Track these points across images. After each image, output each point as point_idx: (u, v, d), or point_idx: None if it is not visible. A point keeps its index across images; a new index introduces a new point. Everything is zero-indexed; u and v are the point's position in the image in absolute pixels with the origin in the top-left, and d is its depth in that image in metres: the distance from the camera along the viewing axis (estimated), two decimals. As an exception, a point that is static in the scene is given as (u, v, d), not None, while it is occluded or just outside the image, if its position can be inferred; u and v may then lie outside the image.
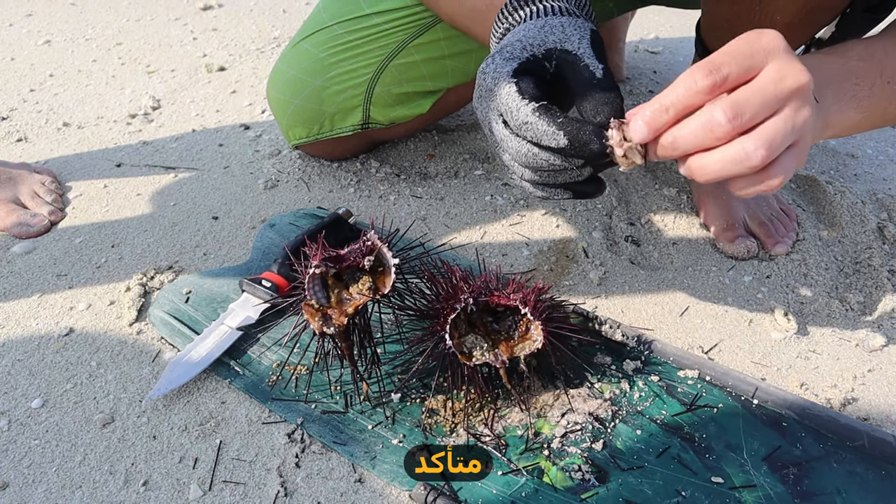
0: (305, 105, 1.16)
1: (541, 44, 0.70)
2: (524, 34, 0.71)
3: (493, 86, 0.68)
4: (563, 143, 0.64)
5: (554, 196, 0.72)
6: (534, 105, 0.65)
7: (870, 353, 0.93)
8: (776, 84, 0.57)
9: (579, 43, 0.69)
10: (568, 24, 0.70)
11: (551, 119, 0.64)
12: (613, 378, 0.85)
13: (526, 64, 0.69)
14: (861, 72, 0.70)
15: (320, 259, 0.78)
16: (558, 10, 0.73)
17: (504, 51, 0.70)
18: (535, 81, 0.68)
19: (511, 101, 0.66)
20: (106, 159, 1.32)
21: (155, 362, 0.90)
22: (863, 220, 1.14)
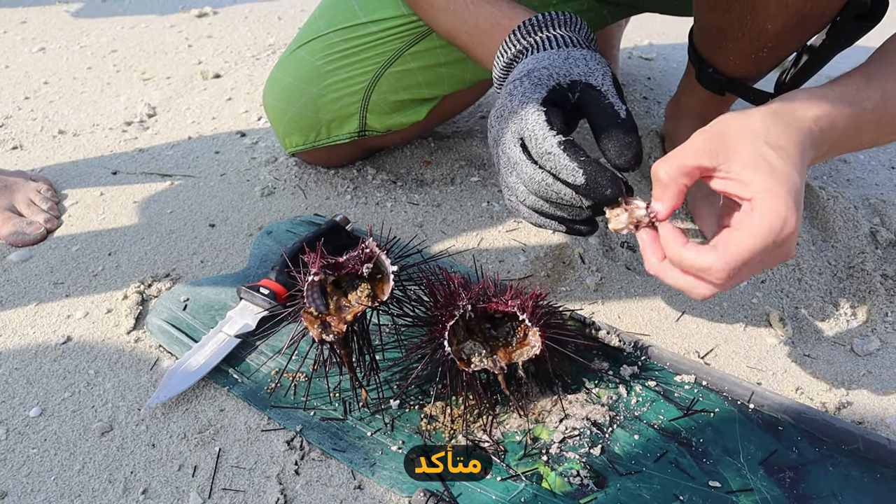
0: (302, 113, 1.17)
1: (566, 74, 0.72)
2: (549, 62, 0.73)
3: (520, 109, 0.71)
4: (580, 181, 0.67)
5: (546, 226, 0.75)
6: (560, 138, 0.68)
7: (864, 356, 0.94)
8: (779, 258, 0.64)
9: (603, 79, 0.72)
10: (591, 59, 0.74)
11: (575, 156, 0.67)
12: (611, 383, 0.85)
13: (552, 94, 0.71)
14: (867, 125, 0.72)
15: (319, 266, 0.78)
16: (573, 42, 0.76)
17: (532, 76, 0.72)
18: (562, 114, 0.71)
19: (538, 130, 0.69)
20: (102, 167, 1.32)
21: (153, 370, 0.90)
22: (855, 225, 1.15)
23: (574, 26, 0.80)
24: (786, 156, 0.64)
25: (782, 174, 0.62)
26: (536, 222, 0.75)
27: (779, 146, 0.64)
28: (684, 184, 0.66)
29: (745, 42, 0.93)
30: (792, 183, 0.62)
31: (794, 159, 0.64)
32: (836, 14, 0.88)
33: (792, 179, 0.62)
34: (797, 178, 0.63)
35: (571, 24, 0.80)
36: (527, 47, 0.79)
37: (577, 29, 0.80)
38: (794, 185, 0.62)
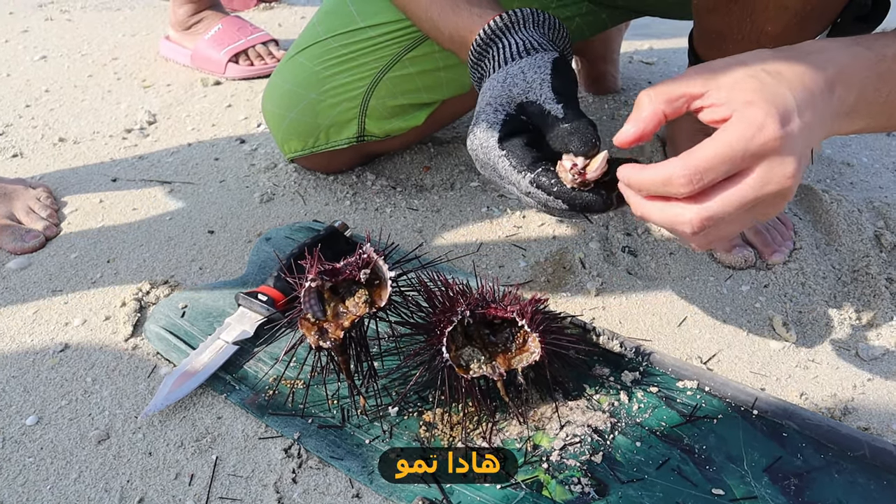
0: (300, 118, 1.16)
1: (508, 100, 0.73)
2: (491, 94, 0.74)
3: (488, 159, 0.73)
4: (563, 207, 0.70)
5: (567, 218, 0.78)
6: (530, 177, 0.70)
7: (869, 361, 0.93)
8: (757, 190, 0.57)
9: (540, 88, 0.72)
10: (528, 69, 0.73)
11: (548, 190, 0.69)
12: (612, 390, 0.84)
13: (506, 127, 0.73)
14: (888, 76, 0.65)
15: (316, 272, 0.77)
16: (520, 51, 0.75)
17: (480, 120, 0.74)
18: (524, 143, 0.72)
19: (510, 175, 0.71)
20: (102, 174, 1.32)
21: (151, 378, 0.89)
22: (859, 228, 1.14)
23: (528, 23, 0.78)
24: (783, 80, 0.58)
25: (770, 91, 0.57)
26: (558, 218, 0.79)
27: (776, 72, 0.59)
28: (663, 111, 0.62)
29: (745, 45, 0.92)
30: (780, 99, 0.57)
31: (794, 85, 0.58)
32: (837, 16, 0.87)
33: (782, 97, 0.57)
34: (790, 99, 0.57)
35: (525, 22, 0.78)
36: (483, 73, 0.80)
37: (534, 25, 0.78)
38: (782, 101, 0.57)
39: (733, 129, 0.56)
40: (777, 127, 0.55)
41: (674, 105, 0.61)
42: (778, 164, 0.56)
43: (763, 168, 0.56)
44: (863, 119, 0.66)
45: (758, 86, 0.58)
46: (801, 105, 0.58)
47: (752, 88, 0.58)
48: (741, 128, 0.56)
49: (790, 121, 0.56)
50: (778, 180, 0.57)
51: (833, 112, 0.61)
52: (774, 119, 0.56)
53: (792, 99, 0.57)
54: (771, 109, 0.56)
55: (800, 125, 0.57)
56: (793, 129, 0.56)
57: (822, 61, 0.61)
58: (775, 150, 0.56)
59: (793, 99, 0.57)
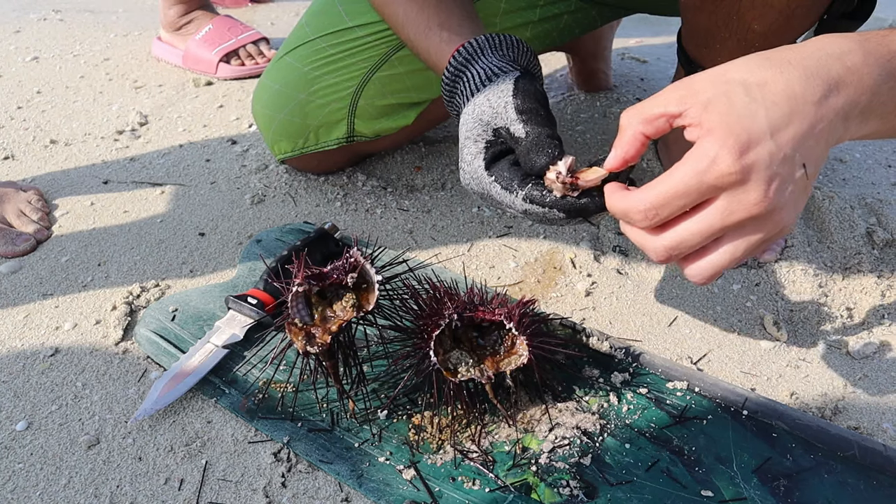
0: (290, 119, 1.16)
1: (484, 129, 0.76)
2: (466, 128, 0.77)
3: (481, 188, 0.76)
4: (561, 216, 0.71)
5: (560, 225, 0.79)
6: (522, 194, 0.72)
7: (860, 360, 0.93)
8: (723, 219, 0.56)
9: (505, 112, 0.73)
10: (492, 95, 0.75)
11: (542, 203, 0.71)
12: (601, 391, 0.84)
13: (488, 153, 0.75)
14: None
15: (303, 277, 0.77)
16: (483, 79, 0.77)
17: (464, 154, 0.77)
18: (509, 163, 0.74)
19: (503, 199, 0.74)
20: (93, 176, 1.31)
21: (141, 382, 0.89)
22: (851, 225, 1.14)
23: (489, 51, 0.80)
24: (764, 94, 0.55)
25: (737, 115, 0.55)
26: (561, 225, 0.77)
27: (760, 83, 0.56)
28: (643, 133, 0.61)
29: (733, 42, 0.92)
30: (745, 124, 0.54)
31: (778, 99, 0.55)
32: (824, 12, 0.87)
33: (747, 122, 0.54)
34: (760, 122, 0.55)
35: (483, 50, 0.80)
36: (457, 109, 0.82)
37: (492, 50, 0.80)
38: (746, 127, 0.54)
39: (688, 164, 0.56)
40: (732, 160, 0.54)
41: (654, 125, 0.60)
42: (740, 192, 0.55)
43: (724, 199, 0.55)
44: (877, 120, 0.62)
45: (726, 109, 0.55)
46: (780, 122, 0.55)
47: (720, 112, 0.56)
48: (694, 162, 0.55)
49: (751, 148, 0.54)
50: (743, 209, 0.55)
51: (842, 115, 0.58)
52: (730, 151, 0.54)
53: (764, 121, 0.55)
54: (728, 140, 0.54)
55: (772, 148, 0.55)
56: (755, 158, 0.54)
57: (824, 62, 0.57)
58: (732, 182, 0.54)
59: (765, 120, 0.55)
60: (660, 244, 0.59)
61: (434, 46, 0.87)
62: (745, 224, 0.56)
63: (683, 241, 0.58)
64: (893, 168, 1.34)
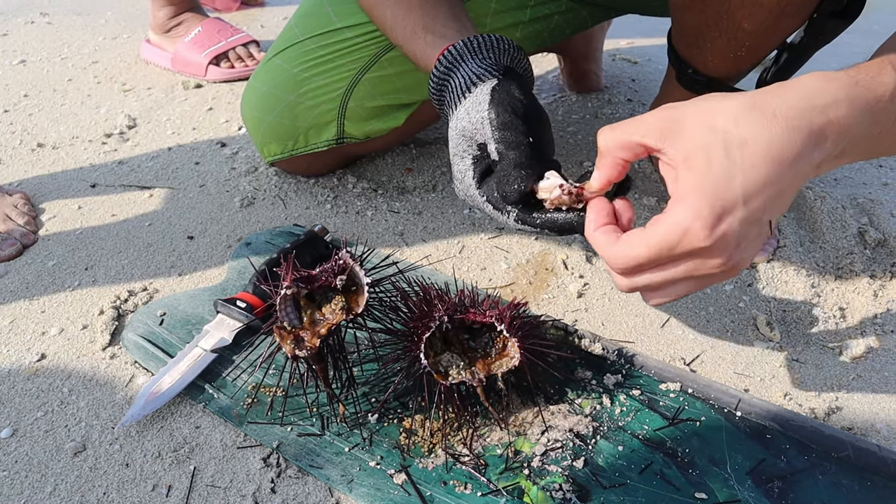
0: (279, 121, 1.15)
1: (468, 144, 0.77)
2: (453, 143, 0.79)
3: (476, 204, 0.78)
4: (552, 234, 0.73)
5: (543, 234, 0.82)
6: (514, 215, 0.74)
7: (853, 360, 0.92)
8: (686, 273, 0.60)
9: (482, 127, 0.74)
10: (471, 109, 0.76)
11: (531, 223, 0.73)
12: (594, 393, 0.84)
13: (476, 169, 0.77)
14: (882, 117, 0.61)
15: (291, 280, 0.76)
16: (463, 89, 0.78)
17: (455, 171, 0.80)
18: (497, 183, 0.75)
19: (497, 217, 0.76)
20: (81, 180, 1.30)
21: (128, 387, 0.88)
22: (843, 225, 1.14)
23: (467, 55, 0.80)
24: (743, 156, 0.55)
25: (715, 177, 0.55)
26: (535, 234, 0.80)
27: (741, 142, 0.56)
28: (622, 158, 0.62)
29: (723, 42, 0.91)
30: (723, 188, 0.55)
31: (756, 162, 0.55)
32: (813, 11, 0.87)
33: (726, 184, 0.55)
34: (735, 191, 0.55)
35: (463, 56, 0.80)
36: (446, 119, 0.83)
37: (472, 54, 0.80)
38: (722, 196, 0.55)
39: (662, 231, 0.58)
40: (704, 234, 0.56)
41: (632, 152, 0.62)
42: (706, 257, 0.58)
43: (691, 262, 0.59)
44: (849, 158, 0.64)
45: (704, 171, 0.56)
46: (755, 188, 0.56)
47: (698, 174, 0.56)
48: (668, 231, 0.58)
49: (723, 219, 0.56)
50: (706, 269, 0.59)
51: (819, 161, 0.58)
52: (703, 224, 0.56)
53: (739, 188, 0.55)
54: (703, 210, 0.56)
55: (743, 215, 0.56)
56: (726, 228, 0.56)
57: (808, 116, 0.57)
58: (700, 251, 0.58)
59: (741, 188, 0.56)
60: (627, 284, 0.64)
61: (420, 51, 0.87)
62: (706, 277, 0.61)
63: (649, 285, 0.63)
64: (884, 168, 1.34)
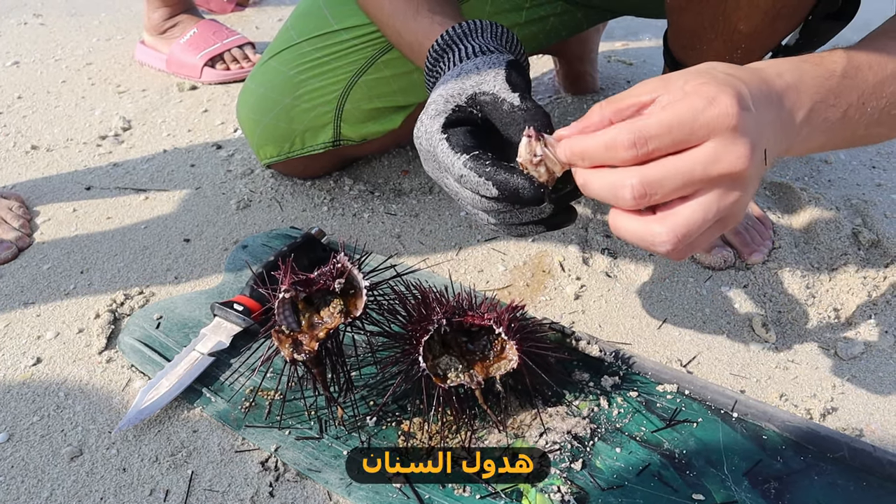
0: (275, 123, 1.15)
1: (460, 92, 0.71)
2: (444, 86, 0.73)
3: (430, 147, 0.70)
4: (494, 192, 0.65)
5: (527, 233, 0.72)
6: (465, 157, 0.67)
7: (848, 360, 0.93)
8: (706, 166, 0.53)
9: (494, 80, 0.70)
10: (482, 64, 0.72)
11: (481, 169, 0.65)
12: (592, 395, 0.84)
13: (453, 115, 0.71)
14: (841, 91, 0.64)
15: (289, 283, 0.76)
16: (475, 52, 0.75)
17: (429, 109, 0.72)
18: (468, 131, 0.70)
19: (446, 158, 0.68)
20: (75, 182, 1.30)
21: (125, 391, 0.88)
22: (837, 226, 1.14)
23: (485, 32, 0.78)
24: (736, 78, 0.56)
25: (723, 78, 0.55)
26: (516, 234, 0.73)
27: (730, 74, 0.57)
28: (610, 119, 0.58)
29: (719, 43, 0.92)
30: (735, 85, 0.54)
31: (749, 82, 0.56)
32: (808, 14, 0.87)
33: (736, 85, 0.54)
34: (745, 90, 0.55)
35: (481, 31, 0.78)
36: (437, 75, 0.79)
37: (491, 34, 0.78)
38: (736, 87, 0.54)
39: (684, 100, 0.54)
40: (732, 101, 0.53)
41: (623, 114, 0.58)
42: (730, 142, 0.53)
43: (714, 143, 0.53)
44: (822, 135, 0.64)
45: (710, 75, 0.56)
46: (757, 102, 0.56)
47: (704, 74, 0.56)
48: (692, 99, 0.53)
49: (748, 106, 0.54)
50: (729, 160, 0.53)
51: (785, 125, 0.60)
52: (729, 95, 0.53)
53: (747, 91, 0.55)
54: (726, 88, 0.53)
55: (756, 115, 0.55)
56: (749, 114, 0.54)
57: (772, 74, 0.61)
58: (728, 126, 0.52)
59: (748, 91, 0.55)
60: (637, 178, 0.54)
61: (423, 29, 0.83)
62: (723, 181, 0.54)
63: (664, 180, 0.54)
64: (877, 169, 1.35)
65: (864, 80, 0.65)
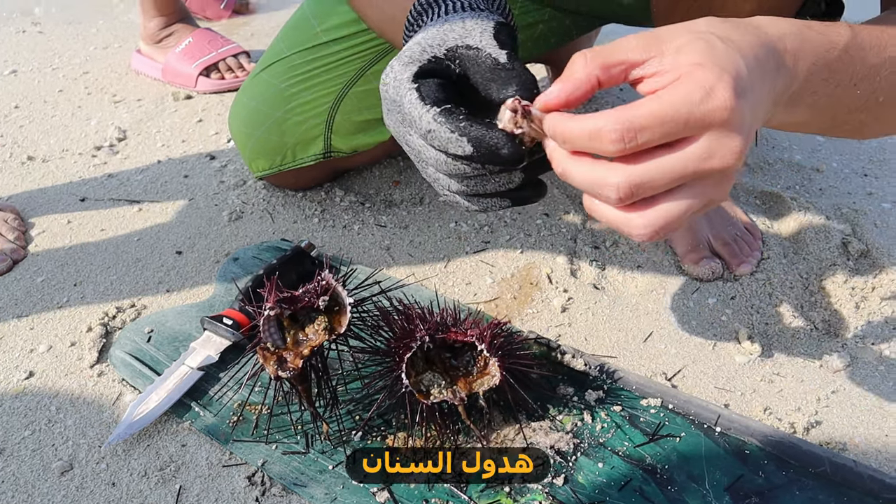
0: (267, 136, 1.16)
1: (441, 43, 0.65)
2: (423, 36, 0.66)
3: (396, 95, 0.64)
4: (468, 150, 0.58)
5: (491, 207, 0.66)
6: (436, 110, 0.60)
7: (833, 373, 0.93)
8: (698, 163, 0.50)
9: (481, 36, 0.64)
10: (469, 19, 0.66)
11: (453, 124, 0.59)
12: (575, 409, 0.85)
13: (428, 66, 0.64)
14: (837, 67, 0.60)
15: (274, 301, 0.77)
16: (463, 7, 0.68)
17: (402, 56, 0.65)
18: (441, 84, 0.63)
19: (413, 110, 0.61)
20: (70, 194, 1.31)
21: (115, 405, 0.89)
22: (827, 235, 1.15)
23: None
24: (734, 46, 0.52)
25: (722, 55, 0.50)
26: (478, 207, 0.66)
27: (727, 38, 0.52)
28: (598, 78, 0.53)
29: None
30: (734, 65, 0.50)
31: (747, 55, 0.52)
32: (793, 16, 0.87)
33: (735, 63, 0.50)
34: (744, 68, 0.51)
35: None
36: (417, 30, 0.70)
37: None
38: (735, 67, 0.50)
39: (679, 90, 0.49)
40: (730, 94, 0.49)
41: (610, 72, 0.53)
42: (725, 136, 0.49)
43: (708, 138, 0.49)
44: (806, 110, 0.61)
45: (707, 48, 0.51)
46: (753, 78, 0.52)
47: (701, 50, 0.51)
48: (688, 89, 0.49)
49: (744, 91, 0.50)
50: (722, 155, 0.50)
51: (778, 92, 0.56)
52: (727, 85, 0.49)
53: (745, 68, 0.51)
54: (724, 75, 0.49)
55: (752, 98, 0.51)
56: (745, 102, 0.50)
57: (774, 36, 0.56)
58: (724, 120, 0.49)
59: (746, 68, 0.51)
60: (624, 179, 0.50)
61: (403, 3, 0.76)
62: (713, 175, 0.51)
63: (653, 180, 0.50)
64: (869, 177, 1.35)
65: (863, 60, 0.62)
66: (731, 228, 1.12)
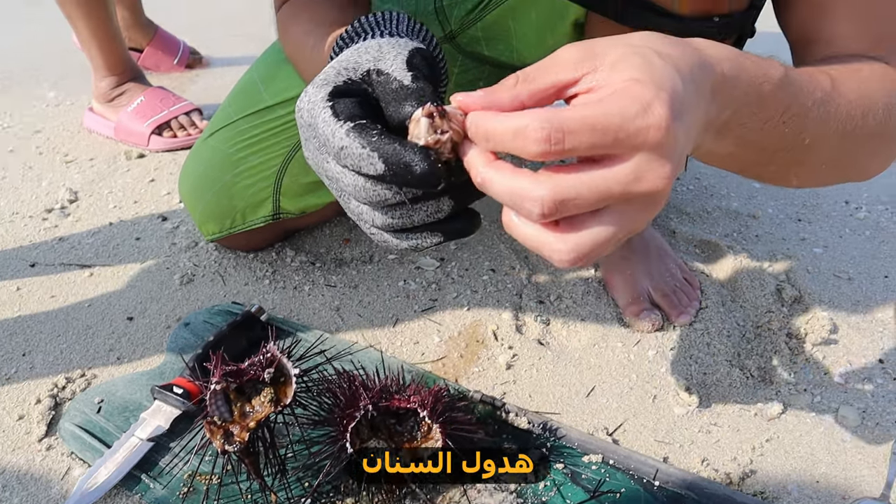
0: (216, 201, 1.18)
1: (356, 67, 0.63)
2: (338, 60, 0.65)
3: (311, 118, 0.60)
4: (379, 168, 0.54)
5: (422, 243, 0.61)
6: (349, 125, 0.56)
7: (768, 421, 0.97)
8: (626, 185, 0.47)
9: (393, 61, 0.62)
10: (385, 44, 0.65)
11: (365, 139, 0.55)
12: (520, 469, 0.87)
13: (343, 87, 0.61)
14: (768, 101, 0.58)
15: (220, 375, 0.78)
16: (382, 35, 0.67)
17: (317, 80, 0.62)
18: (358, 102, 0.60)
19: (326, 127, 0.57)
20: (20, 259, 1.30)
21: (64, 480, 0.89)
22: (762, 283, 1.19)
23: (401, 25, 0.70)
24: (672, 63, 0.49)
25: (660, 73, 0.47)
26: (409, 244, 0.61)
27: (665, 53, 0.49)
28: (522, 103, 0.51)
29: None
30: (672, 85, 0.47)
31: (683, 72, 0.49)
32: None
33: (672, 83, 0.47)
34: (681, 89, 0.48)
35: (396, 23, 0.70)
36: None
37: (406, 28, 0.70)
38: (672, 87, 0.47)
39: (614, 101, 0.46)
40: (666, 113, 0.46)
41: (538, 98, 0.51)
42: (655, 159, 0.46)
43: (638, 160, 0.46)
44: (733, 141, 0.59)
45: (644, 64, 0.48)
46: (689, 99, 0.49)
47: (638, 66, 0.47)
48: (623, 102, 0.46)
49: (680, 114, 0.47)
50: (650, 179, 0.47)
51: (710, 118, 0.54)
52: (664, 104, 0.46)
53: (682, 87, 0.48)
54: (661, 93, 0.46)
55: (685, 121, 0.48)
56: (680, 124, 0.47)
57: (713, 59, 0.54)
58: (656, 141, 0.46)
59: (683, 88, 0.48)
60: (549, 192, 0.47)
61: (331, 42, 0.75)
62: (639, 199, 0.48)
63: (578, 198, 0.47)
64: (803, 222, 1.41)
65: (794, 97, 0.61)
66: (670, 280, 1.16)
